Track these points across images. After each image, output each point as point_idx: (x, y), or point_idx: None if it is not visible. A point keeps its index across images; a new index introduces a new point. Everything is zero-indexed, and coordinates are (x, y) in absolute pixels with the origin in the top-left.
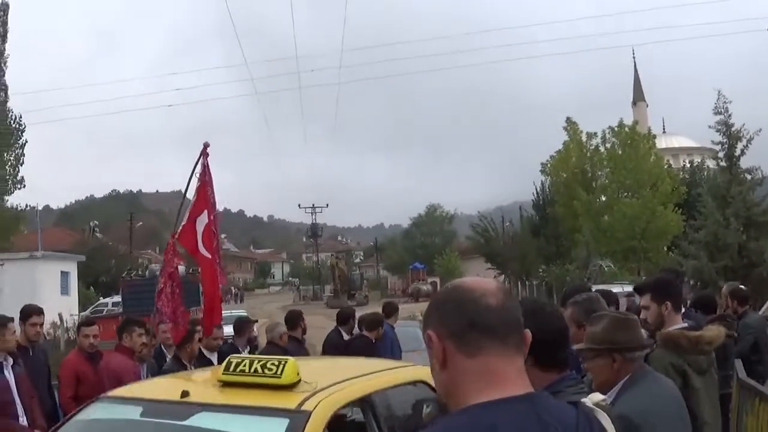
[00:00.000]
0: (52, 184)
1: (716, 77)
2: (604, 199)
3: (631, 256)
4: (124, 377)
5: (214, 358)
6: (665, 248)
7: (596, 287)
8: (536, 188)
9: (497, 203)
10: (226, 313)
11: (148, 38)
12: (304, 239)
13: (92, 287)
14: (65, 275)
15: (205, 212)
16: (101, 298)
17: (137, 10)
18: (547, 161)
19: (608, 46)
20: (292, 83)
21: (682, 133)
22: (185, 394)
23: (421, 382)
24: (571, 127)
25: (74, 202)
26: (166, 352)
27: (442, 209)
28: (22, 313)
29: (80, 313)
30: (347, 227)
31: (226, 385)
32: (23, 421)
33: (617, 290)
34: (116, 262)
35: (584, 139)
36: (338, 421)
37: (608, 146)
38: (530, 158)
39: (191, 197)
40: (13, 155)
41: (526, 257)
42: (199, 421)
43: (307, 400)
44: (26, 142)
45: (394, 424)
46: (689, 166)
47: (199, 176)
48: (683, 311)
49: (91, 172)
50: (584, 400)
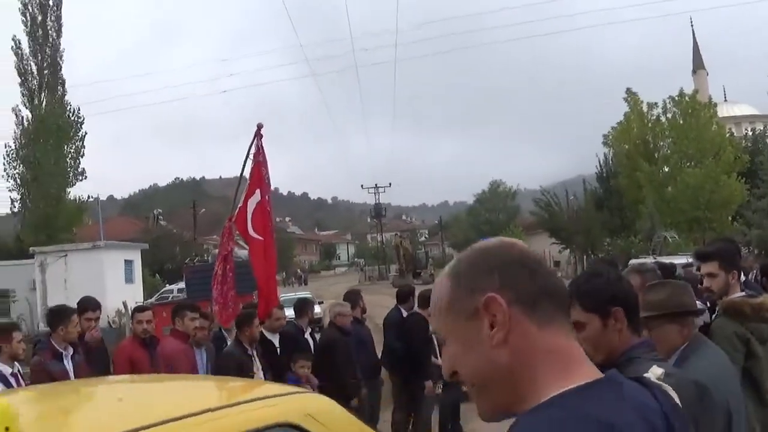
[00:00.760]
0: (115, 174)
1: None
2: (666, 169)
3: (695, 226)
4: (176, 362)
5: (275, 339)
6: (729, 218)
7: (660, 259)
8: (599, 161)
9: (560, 178)
10: (290, 295)
11: (202, 25)
12: (368, 220)
13: (157, 275)
14: (129, 263)
15: (257, 192)
16: (167, 285)
17: None
18: (608, 133)
19: (667, 13)
20: (349, 63)
21: (743, 100)
22: None
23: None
24: (631, 97)
25: (138, 191)
26: (226, 335)
27: (504, 185)
28: (78, 306)
29: (145, 300)
30: (411, 206)
31: None
32: None
33: (681, 261)
34: (181, 249)
35: (645, 109)
36: None
37: (669, 116)
38: (592, 131)
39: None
40: (73, 148)
41: (590, 231)
42: None
43: None
44: (86, 134)
45: None
46: (751, 134)
47: (253, 156)
48: (743, 280)
49: (153, 161)
50: (647, 375)
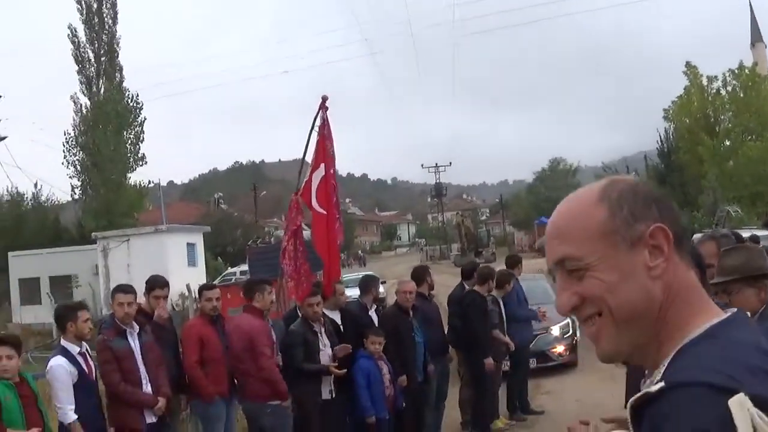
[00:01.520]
0: (175, 160)
1: None
2: (728, 143)
3: (758, 200)
4: (256, 337)
5: (336, 316)
6: None
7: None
8: (659, 136)
9: (621, 154)
10: (353, 275)
11: (260, 6)
12: (428, 199)
13: (219, 258)
14: (191, 247)
15: (322, 166)
16: (229, 267)
17: None
18: (669, 107)
19: None
20: (408, 41)
21: None
22: None
23: None
24: (690, 71)
25: (198, 176)
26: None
27: (565, 162)
28: (146, 284)
29: (212, 280)
30: (471, 185)
31: None
32: (147, 388)
33: (745, 235)
34: (242, 231)
35: (705, 83)
36: None
37: (729, 89)
38: (653, 107)
39: (311, 153)
40: (132, 133)
41: None
42: None
43: None
44: (145, 119)
45: None
46: None
47: (318, 130)
48: None
49: (212, 145)
50: None
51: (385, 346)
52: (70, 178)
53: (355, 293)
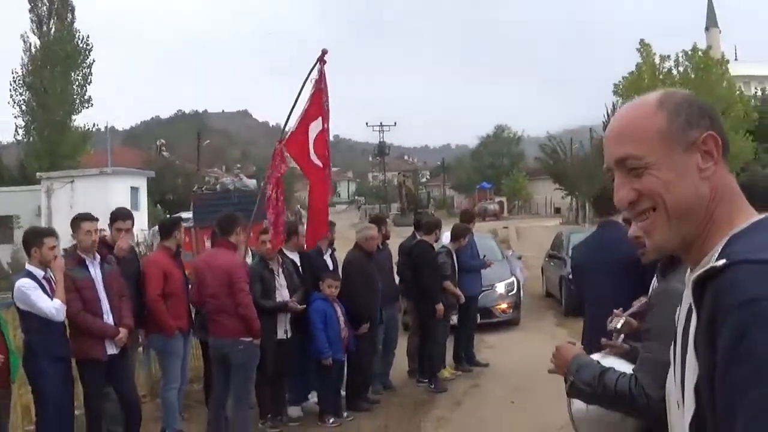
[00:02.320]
0: (118, 105)
1: None
2: None
3: None
4: (235, 272)
5: (296, 257)
6: (735, 173)
7: None
8: (607, 110)
9: (564, 127)
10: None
11: None
12: (370, 158)
13: (159, 205)
14: (135, 191)
15: (319, 119)
16: (168, 215)
17: None
18: (619, 83)
19: None
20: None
21: (754, 60)
22: None
23: None
24: (644, 48)
25: (140, 123)
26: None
27: (510, 130)
28: (111, 216)
29: (150, 228)
30: (413, 147)
31: None
32: (108, 318)
33: None
34: (183, 180)
35: (657, 61)
36: None
37: (681, 70)
38: (599, 84)
39: (303, 105)
40: (80, 75)
41: (594, 178)
42: None
43: None
44: (94, 61)
45: None
46: (761, 94)
47: (314, 82)
48: None
49: (156, 93)
50: None
51: (347, 289)
52: (15, 118)
53: None
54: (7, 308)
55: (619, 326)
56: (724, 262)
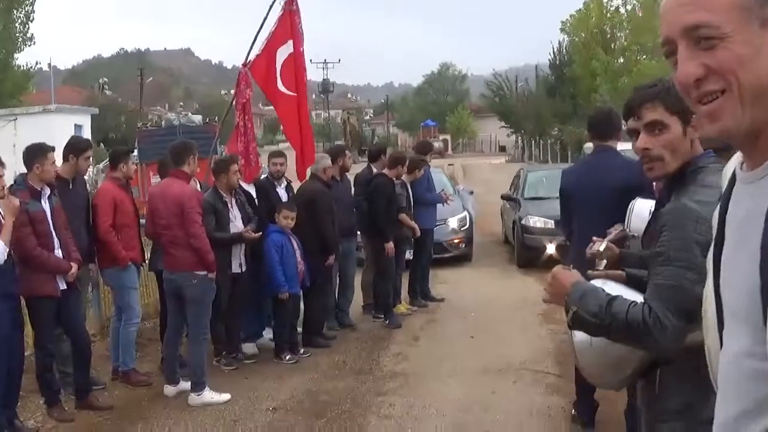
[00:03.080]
0: (59, 44)
1: None
2: (622, 61)
3: None
4: (187, 202)
5: (252, 189)
6: None
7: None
8: (553, 48)
9: (509, 64)
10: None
11: None
12: (314, 96)
13: (102, 144)
14: (79, 128)
15: (290, 42)
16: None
17: None
18: (566, 20)
19: None
20: None
21: None
22: None
23: None
24: None
25: (81, 61)
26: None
27: (455, 68)
28: (75, 147)
29: (95, 166)
30: (356, 86)
31: None
32: (58, 253)
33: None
34: (126, 118)
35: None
36: None
37: (629, 8)
38: (545, 21)
39: (269, 28)
40: (23, 12)
41: (540, 116)
42: None
43: None
44: None
45: None
46: None
47: (284, 5)
48: None
49: (96, 31)
50: None
51: (303, 220)
52: None
53: None
54: None
55: (602, 249)
56: None
